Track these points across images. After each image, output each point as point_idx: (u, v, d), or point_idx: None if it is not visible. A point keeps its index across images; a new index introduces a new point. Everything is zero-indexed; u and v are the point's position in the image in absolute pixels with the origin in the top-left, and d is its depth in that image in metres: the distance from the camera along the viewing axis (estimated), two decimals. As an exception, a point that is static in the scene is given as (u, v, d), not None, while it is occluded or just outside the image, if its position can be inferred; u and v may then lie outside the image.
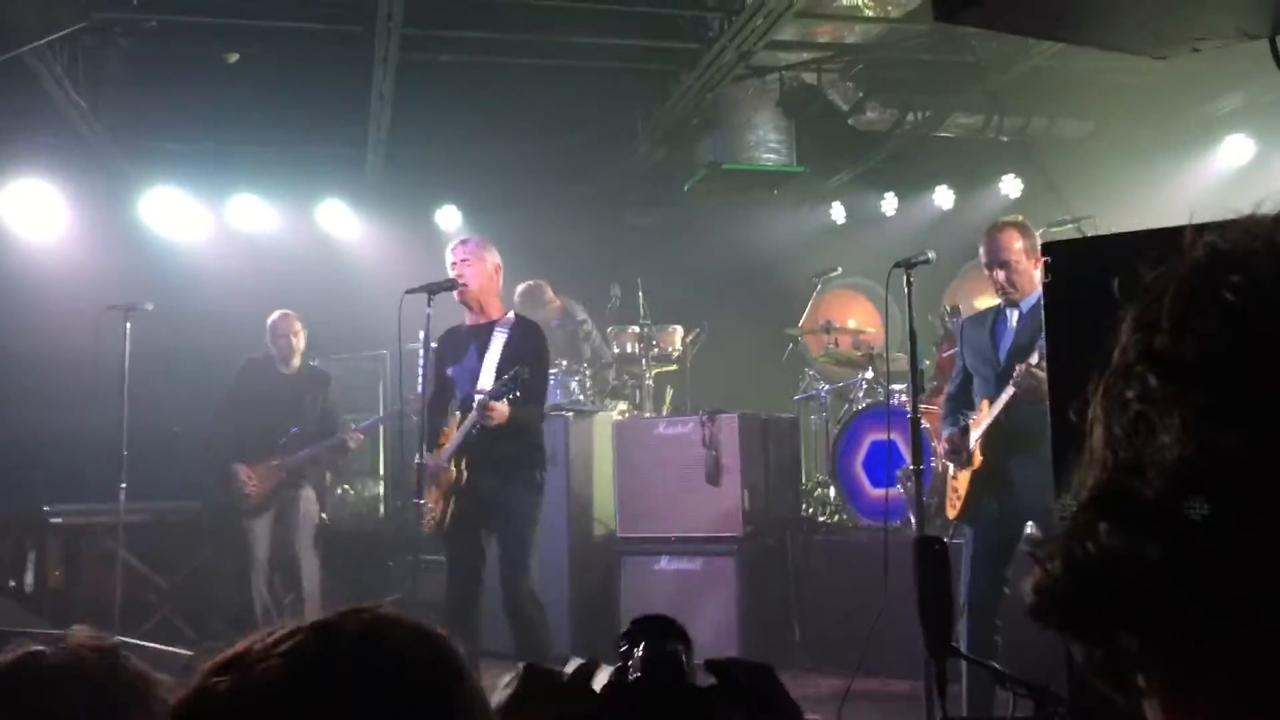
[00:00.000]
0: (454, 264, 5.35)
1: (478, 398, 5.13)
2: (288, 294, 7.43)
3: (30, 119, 7.72)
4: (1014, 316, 4.73)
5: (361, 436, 7.17)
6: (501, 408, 5.06)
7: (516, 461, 5.22)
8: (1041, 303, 2.97)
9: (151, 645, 6.10)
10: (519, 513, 5.21)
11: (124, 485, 6.40)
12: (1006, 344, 4.72)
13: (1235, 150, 8.80)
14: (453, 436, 5.27)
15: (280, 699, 0.82)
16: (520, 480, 5.23)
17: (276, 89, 7.88)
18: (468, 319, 5.45)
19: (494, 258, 5.42)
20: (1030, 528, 4.72)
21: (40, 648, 1.23)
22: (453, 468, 5.21)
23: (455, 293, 5.35)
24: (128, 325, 6.42)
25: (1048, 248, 2.64)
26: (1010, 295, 4.70)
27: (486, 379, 5.20)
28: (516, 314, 5.50)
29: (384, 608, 0.91)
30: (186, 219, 9.06)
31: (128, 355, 6.38)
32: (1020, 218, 4.90)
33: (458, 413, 5.34)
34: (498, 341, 5.28)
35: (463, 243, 5.47)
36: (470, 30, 7.26)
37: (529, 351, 5.25)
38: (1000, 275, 4.67)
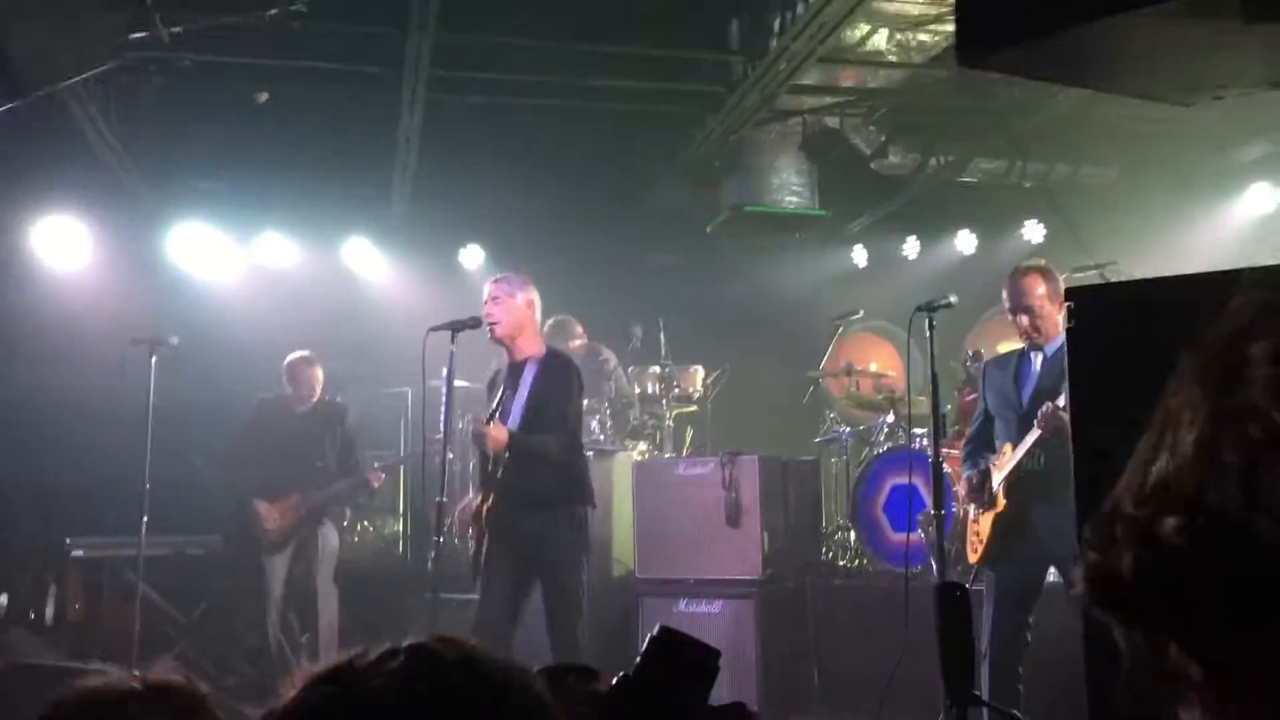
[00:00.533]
0: (485, 302, 5.33)
1: (473, 426, 5.10)
2: (312, 331, 7.48)
3: (63, 155, 7.82)
4: (1038, 360, 4.72)
5: (383, 476, 7.16)
6: (495, 432, 5.00)
7: (559, 496, 5.13)
8: (1065, 347, 2.96)
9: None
10: (563, 551, 5.10)
11: (145, 519, 6.42)
12: (1030, 387, 4.70)
13: (1258, 198, 8.78)
14: None
15: (393, 713, 0.84)
16: (565, 515, 5.13)
17: (305, 129, 7.98)
18: (507, 356, 5.41)
19: (527, 294, 5.34)
20: (1053, 574, 4.68)
21: (124, 679, 1.24)
22: (476, 500, 5.18)
23: (491, 333, 5.30)
24: (153, 360, 6.46)
25: (1071, 293, 2.65)
26: (1035, 339, 4.69)
27: (516, 413, 5.17)
28: (549, 348, 5.44)
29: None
30: (213, 255, 9.15)
31: (152, 390, 6.41)
32: (1043, 262, 4.90)
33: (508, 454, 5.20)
34: (528, 377, 5.24)
35: (494, 281, 5.41)
36: (496, 73, 7.34)
37: (553, 385, 5.22)
38: (1024, 320, 4.66)
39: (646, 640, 1.09)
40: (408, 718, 0.84)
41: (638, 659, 1.09)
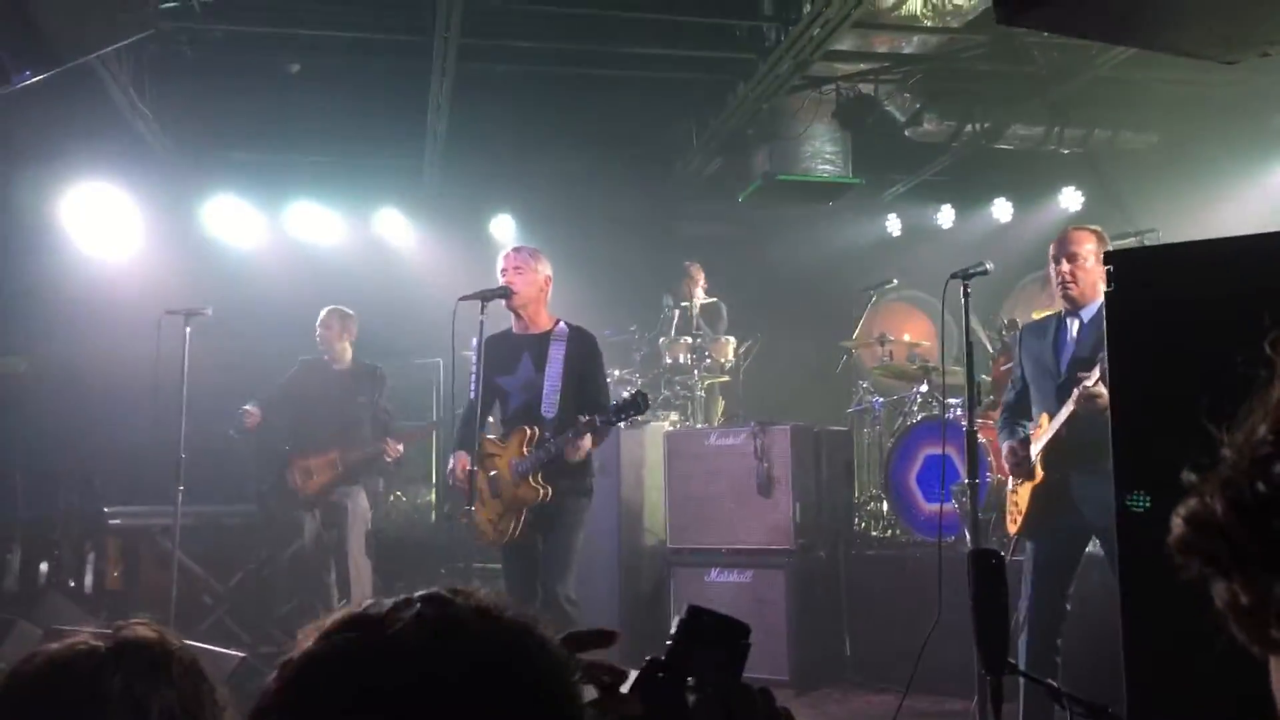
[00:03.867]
0: (504, 270, 5.30)
1: (580, 421, 4.97)
2: (343, 300, 7.50)
3: (96, 126, 7.86)
4: (1074, 326, 4.64)
5: (400, 448, 7.12)
6: (587, 444, 5.04)
7: (571, 469, 5.15)
8: (1103, 312, 2.90)
9: (206, 646, 6.16)
10: (568, 518, 5.17)
11: (181, 488, 6.46)
12: (1068, 355, 4.62)
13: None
14: (517, 451, 5.18)
15: (416, 654, 0.85)
16: (574, 487, 5.19)
17: (337, 98, 7.98)
18: (515, 327, 5.39)
19: (545, 268, 5.36)
20: (1094, 545, 4.62)
21: (86, 639, 1.21)
22: (535, 485, 5.12)
23: (508, 302, 5.30)
24: (187, 330, 6.49)
25: (1109, 257, 2.59)
26: (1069, 291, 4.58)
27: (551, 394, 5.15)
28: (567, 323, 5.43)
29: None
30: (246, 226, 9.20)
31: (186, 360, 6.45)
32: (1098, 228, 4.81)
33: (526, 427, 5.18)
34: (556, 354, 5.21)
35: (515, 250, 5.40)
36: (527, 40, 7.29)
37: (587, 360, 5.24)
38: (1065, 267, 4.56)
39: (676, 621, 1.08)
40: (429, 660, 0.85)
41: (669, 638, 1.07)
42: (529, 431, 5.15)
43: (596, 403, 5.18)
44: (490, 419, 5.49)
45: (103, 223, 8.68)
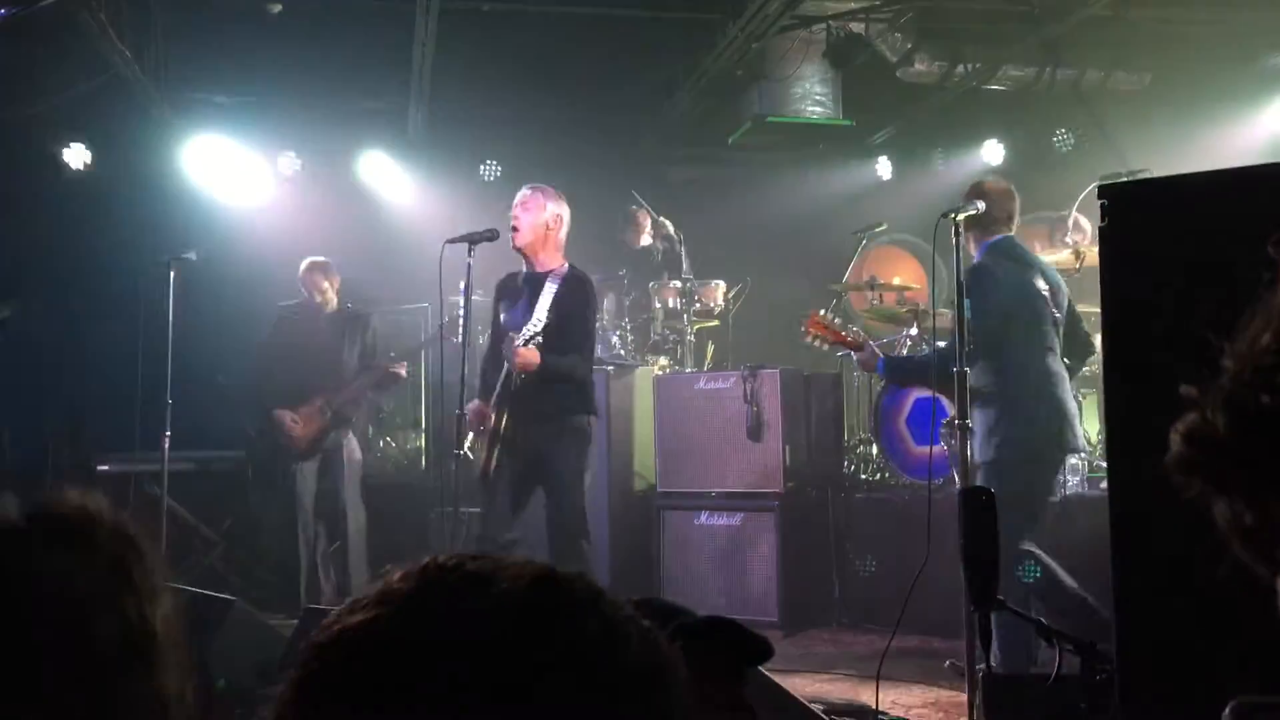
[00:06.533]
0: (514, 206, 5.31)
1: (505, 346, 5.09)
2: (330, 246, 7.45)
3: (75, 68, 7.74)
4: None
5: (406, 364, 7.11)
6: (528, 354, 5.02)
7: (566, 408, 5.19)
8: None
9: (196, 590, 6.17)
10: (569, 462, 5.20)
11: (168, 434, 6.45)
12: None
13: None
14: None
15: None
16: (570, 428, 5.20)
17: (320, 40, 7.85)
18: (524, 266, 5.40)
19: (556, 208, 5.33)
20: (1081, 485, 4.66)
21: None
22: (493, 414, 5.18)
23: (512, 241, 5.27)
24: (171, 275, 6.44)
25: (1104, 191, 2.55)
26: None
27: (528, 329, 5.14)
28: (570, 266, 5.41)
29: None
30: (230, 170, 9.09)
31: (171, 305, 6.40)
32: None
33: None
34: (548, 292, 5.20)
35: (530, 188, 5.38)
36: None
37: (576, 303, 5.22)
38: None
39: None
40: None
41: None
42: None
43: (576, 344, 5.18)
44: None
45: (84, 167, 8.58)
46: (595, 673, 0.69)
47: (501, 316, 5.39)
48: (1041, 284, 4.91)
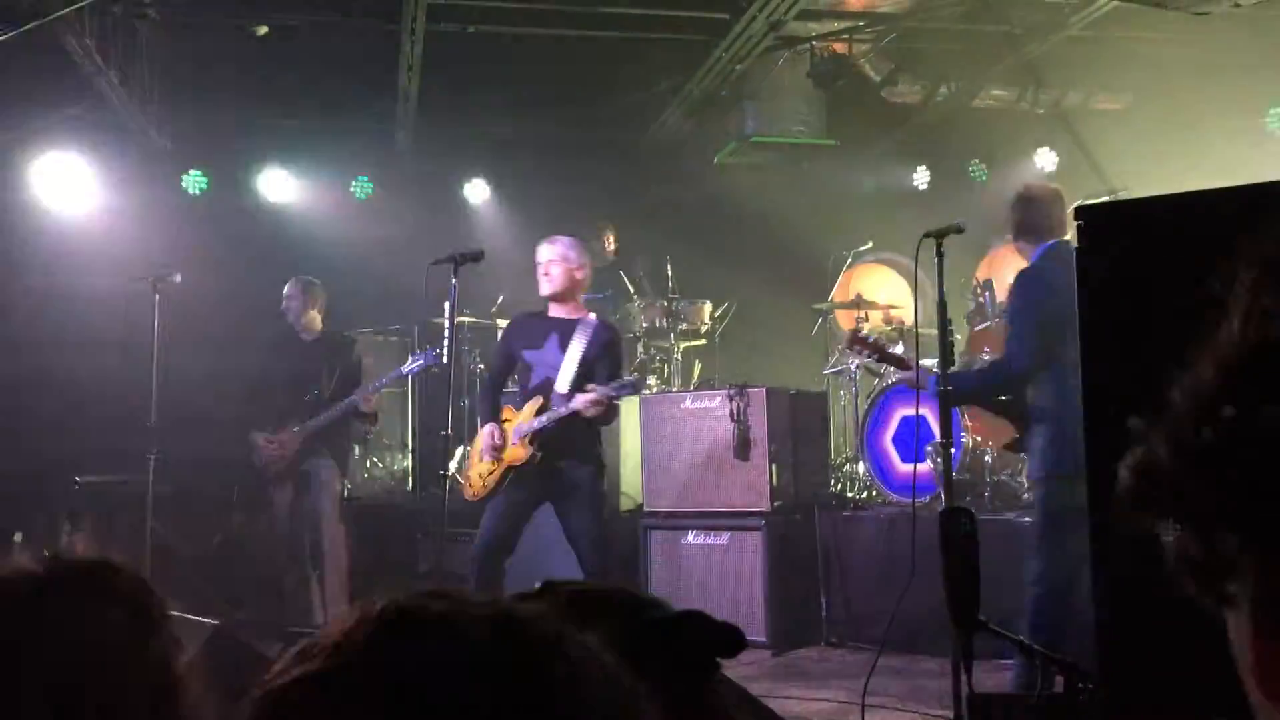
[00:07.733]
0: (541, 263, 5.53)
1: (581, 394, 5.24)
2: (315, 267, 7.43)
3: (62, 92, 7.73)
4: None
5: (374, 398, 7.04)
6: (597, 399, 5.24)
7: (589, 440, 5.42)
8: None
9: (179, 615, 6.14)
10: (595, 495, 5.47)
11: (153, 456, 6.42)
12: None
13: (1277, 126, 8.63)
14: (527, 417, 5.40)
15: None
16: (593, 460, 5.45)
17: (306, 62, 7.87)
18: (551, 309, 5.59)
19: (581, 258, 5.58)
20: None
21: (22, 562, 1.08)
22: (525, 447, 5.33)
23: (544, 290, 5.51)
24: (156, 297, 6.43)
25: (1081, 212, 2.57)
26: None
27: (568, 372, 5.37)
28: (598, 316, 5.69)
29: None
30: (216, 192, 9.09)
31: (156, 326, 6.39)
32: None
33: (540, 397, 5.44)
34: (580, 339, 5.44)
35: (550, 242, 5.58)
36: (497, 0, 7.21)
37: (609, 354, 5.49)
38: None
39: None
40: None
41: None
42: (541, 401, 5.42)
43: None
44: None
45: (71, 189, 8.56)
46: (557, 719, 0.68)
47: (526, 352, 5.56)
48: None
